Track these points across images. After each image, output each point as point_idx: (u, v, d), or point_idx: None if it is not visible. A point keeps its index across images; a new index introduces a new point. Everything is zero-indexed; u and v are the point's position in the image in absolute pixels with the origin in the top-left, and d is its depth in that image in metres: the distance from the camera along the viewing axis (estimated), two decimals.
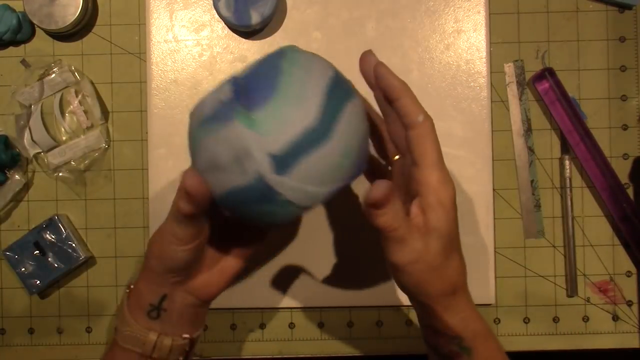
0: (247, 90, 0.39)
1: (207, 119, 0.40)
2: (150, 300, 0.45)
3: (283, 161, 0.38)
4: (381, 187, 0.39)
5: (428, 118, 0.42)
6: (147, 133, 0.63)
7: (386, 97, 0.43)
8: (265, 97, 0.38)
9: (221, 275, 0.47)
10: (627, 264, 0.64)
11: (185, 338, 0.46)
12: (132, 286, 0.47)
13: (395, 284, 0.44)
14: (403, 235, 0.41)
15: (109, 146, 0.64)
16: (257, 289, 0.63)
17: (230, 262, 0.47)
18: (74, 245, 0.62)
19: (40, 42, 0.65)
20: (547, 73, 0.63)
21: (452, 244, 0.42)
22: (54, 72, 0.63)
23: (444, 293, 0.42)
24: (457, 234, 0.43)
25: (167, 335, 0.45)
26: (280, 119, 0.38)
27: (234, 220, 0.48)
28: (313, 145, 0.38)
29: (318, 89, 0.39)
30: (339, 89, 0.41)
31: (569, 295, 0.64)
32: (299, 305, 0.63)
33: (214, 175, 0.40)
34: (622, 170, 0.64)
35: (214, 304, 0.48)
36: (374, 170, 0.49)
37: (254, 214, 0.40)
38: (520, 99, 0.64)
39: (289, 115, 0.38)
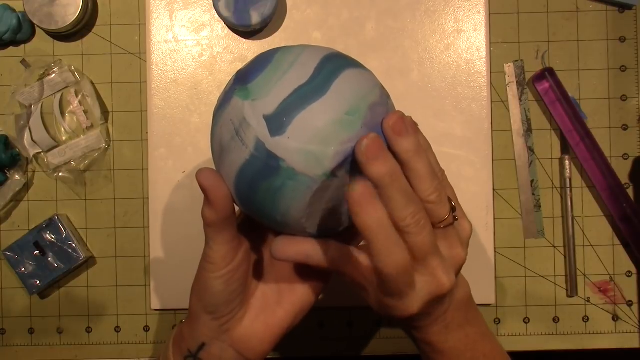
0: (245, 71, 0.39)
1: (215, 113, 0.40)
2: (189, 346, 0.43)
3: (277, 120, 0.36)
4: None
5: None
6: (147, 133, 0.63)
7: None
8: (258, 70, 0.38)
9: (265, 329, 0.44)
10: (627, 264, 0.64)
11: None
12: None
13: None
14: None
15: (109, 146, 0.64)
16: None
17: (278, 316, 0.44)
18: (74, 245, 0.62)
19: (40, 42, 0.65)
20: (547, 73, 0.63)
21: None
22: (54, 72, 0.63)
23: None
24: None
25: None
26: (272, 82, 0.37)
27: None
28: (307, 99, 0.36)
29: (314, 56, 0.39)
30: (338, 58, 0.39)
31: (569, 295, 0.64)
32: None
33: (224, 162, 0.39)
34: (622, 170, 0.64)
35: None
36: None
37: (266, 197, 0.38)
38: (520, 99, 0.64)
39: (281, 77, 0.37)
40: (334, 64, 0.39)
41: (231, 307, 0.43)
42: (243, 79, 0.39)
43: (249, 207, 0.40)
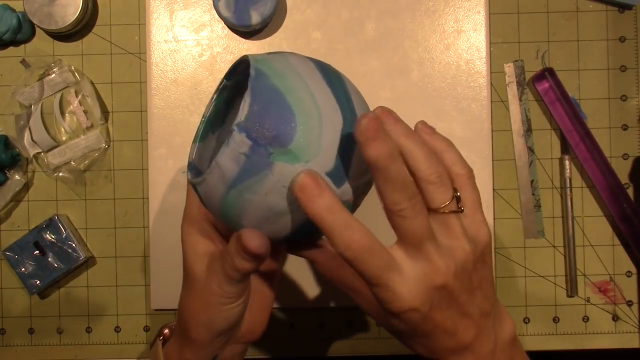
0: (264, 129, 0.36)
1: (236, 179, 0.37)
2: None
3: (339, 172, 0.37)
4: None
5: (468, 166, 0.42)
6: (147, 133, 0.63)
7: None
8: (289, 125, 0.36)
9: (262, 312, 0.46)
10: (627, 264, 0.64)
11: None
12: (165, 331, 0.47)
13: None
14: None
15: (109, 146, 0.64)
16: None
17: (266, 295, 0.47)
18: (74, 245, 0.62)
19: (40, 42, 0.65)
20: (547, 73, 0.63)
21: None
22: (54, 72, 0.63)
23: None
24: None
25: None
26: (315, 137, 0.36)
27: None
28: (351, 140, 0.37)
29: (321, 86, 0.38)
30: (329, 73, 0.40)
31: (569, 295, 0.64)
32: (299, 305, 0.63)
33: (275, 223, 0.38)
34: (622, 170, 0.64)
35: None
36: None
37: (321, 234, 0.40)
38: (520, 99, 0.64)
39: (320, 127, 0.37)
40: (336, 83, 0.39)
41: (242, 319, 0.44)
42: (271, 140, 0.36)
43: (294, 239, 0.42)
